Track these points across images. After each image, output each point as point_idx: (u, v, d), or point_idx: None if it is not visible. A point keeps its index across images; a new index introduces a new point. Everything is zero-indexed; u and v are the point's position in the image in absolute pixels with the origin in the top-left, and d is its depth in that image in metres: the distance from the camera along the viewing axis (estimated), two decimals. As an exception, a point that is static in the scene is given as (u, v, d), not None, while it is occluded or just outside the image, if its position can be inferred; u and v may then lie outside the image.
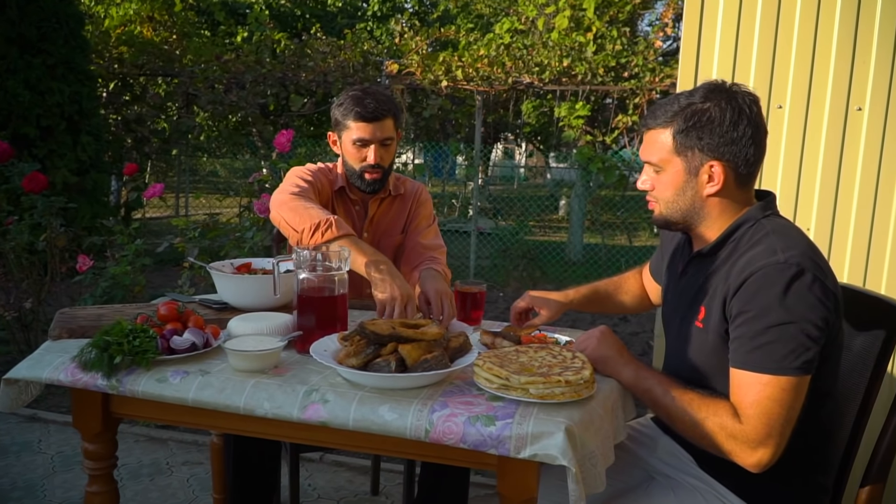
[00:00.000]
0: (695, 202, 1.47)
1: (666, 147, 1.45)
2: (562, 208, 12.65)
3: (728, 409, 1.35)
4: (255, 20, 8.49)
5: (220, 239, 3.20)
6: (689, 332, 1.52)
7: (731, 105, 1.42)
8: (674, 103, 1.46)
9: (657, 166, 1.48)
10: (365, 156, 2.07)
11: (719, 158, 1.42)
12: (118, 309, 1.83)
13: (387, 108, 2.06)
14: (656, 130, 1.47)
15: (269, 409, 1.36)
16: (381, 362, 1.39)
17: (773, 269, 1.33)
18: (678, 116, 1.43)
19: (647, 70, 6.84)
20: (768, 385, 1.31)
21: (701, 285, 1.51)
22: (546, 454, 1.23)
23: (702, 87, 1.47)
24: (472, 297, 1.90)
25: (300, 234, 1.87)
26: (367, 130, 2.04)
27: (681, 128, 1.43)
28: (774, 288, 1.32)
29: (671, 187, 1.48)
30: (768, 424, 1.31)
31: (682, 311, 1.57)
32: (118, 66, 7.85)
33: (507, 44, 7.62)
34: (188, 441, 3.11)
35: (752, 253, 1.40)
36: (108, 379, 1.44)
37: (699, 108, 1.42)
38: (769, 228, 1.44)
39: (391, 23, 11.92)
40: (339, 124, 2.10)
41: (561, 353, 1.47)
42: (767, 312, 1.32)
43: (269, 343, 1.49)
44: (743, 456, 1.34)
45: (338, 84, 7.16)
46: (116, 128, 7.92)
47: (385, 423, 1.30)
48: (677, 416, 1.39)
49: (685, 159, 1.44)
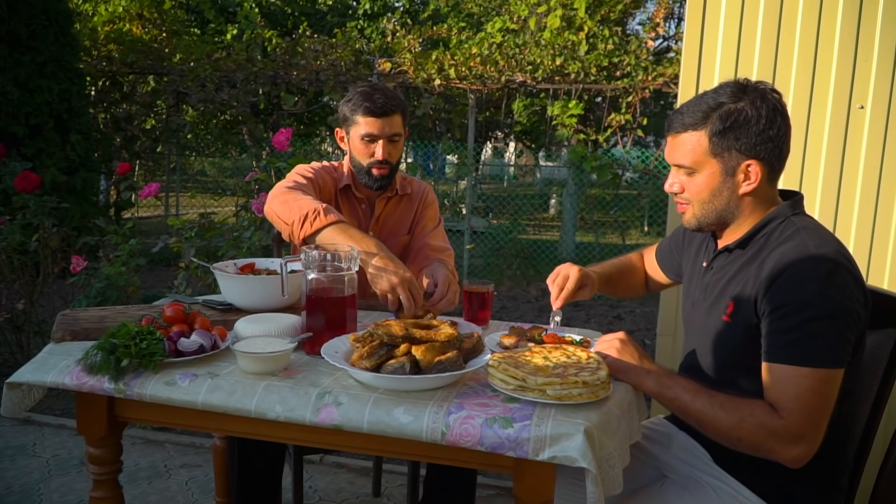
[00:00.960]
0: (730, 202, 1.48)
1: (701, 149, 1.45)
2: (552, 207, 12.66)
3: (763, 407, 1.33)
4: (245, 18, 8.43)
5: (217, 239, 3.16)
6: (715, 326, 1.51)
7: (766, 103, 1.42)
8: (701, 104, 1.45)
9: (691, 168, 1.47)
10: (373, 151, 2.06)
11: (756, 157, 1.43)
12: (121, 310, 1.80)
13: (395, 103, 2.05)
14: (688, 133, 1.46)
15: (282, 413, 1.33)
16: (395, 364, 1.36)
17: (809, 264, 1.34)
18: (712, 117, 1.42)
19: (640, 69, 6.84)
20: (808, 378, 1.30)
21: (729, 279, 1.51)
22: (566, 456, 1.21)
23: (726, 86, 1.47)
24: (479, 296, 1.89)
25: (291, 226, 1.85)
26: (376, 126, 2.03)
27: (717, 129, 1.42)
28: (811, 282, 1.32)
29: (707, 189, 1.47)
30: (810, 417, 1.30)
31: (707, 305, 1.57)
32: (107, 64, 7.77)
33: (500, 43, 7.61)
34: (185, 443, 3.08)
35: (784, 248, 1.40)
36: (115, 382, 1.41)
37: (734, 108, 1.42)
38: (800, 225, 1.45)
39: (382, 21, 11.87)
40: (347, 120, 2.08)
41: (575, 353, 1.45)
42: (805, 306, 1.31)
43: (278, 345, 1.46)
44: (784, 452, 1.32)
45: (329, 82, 7.12)
46: (105, 126, 7.84)
47: (400, 425, 1.28)
48: (710, 422, 1.38)
49: (722, 160, 1.44)
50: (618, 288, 1.93)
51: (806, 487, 1.46)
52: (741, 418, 1.34)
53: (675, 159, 1.50)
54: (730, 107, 1.42)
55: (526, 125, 12.44)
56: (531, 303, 6.57)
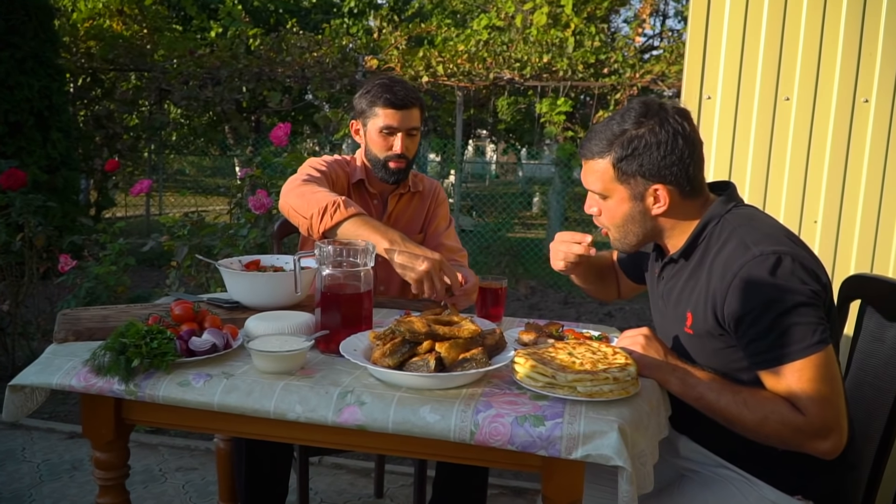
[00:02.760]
0: (645, 223, 1.48)
1: (608, 176, 1.45)
2: (535, 205, 12.67)
3: (785, 404, 1.32)
4: (229, 15, 8.32)
5: (211, 237, 3.09)
6: (681, 337, 1.52)
7: (664, 128, 1.41)
8: (607, 131, 1.45)
9: (602, 194, 1.48)
10: (391, 144, 2.02)
11: (662, 182, 1.43)
12: (123, 309, 1.74)
13: (415, 97, 2.02)
14: (595, 160, 1.46)
15: (302, 413, 1.29)
16: (419, 362, 1.32)
17: (752, 266, 1.33)
18: (615, 145, 1.43)
19: (627, 66, 6.86)
20: (803, 369, 1.30)
21: (680, 290, 1.51)
22: (600, 454, 1.18)
23: (632, 109, 1.46)
24: (492, 293, 1.85)
25: (309, 220, 1.82)
26: (396, 118, 1.99)
27: (619, 156, 1.42)
28: (761, 283, 1.32)
29: (619, 214, 1.48)
30: (829, 407, 1.30)
31: (669, 316, 1.56)
32: (87, 61, 7.62)
33: (486, 40, 7.58)
34: (180, 447, 3.01)
35: (725, 253, 1.40)
36: (125, 384, 1.35)
37: (633, 134, 1.41)
38: (735, 224, 1.44)
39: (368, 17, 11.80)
40: (364, 112, 2.04)
41: (600, 349, 1.42)
42: (766, 308, 1.31)
43: (294, 343, 1.42)
44: (814, 446, 1.31)
45: (316, 79, 7.05)
46: (85, 124, 7.69)
47: (427, 424, 1.24)
48: (736, 420, 1.36)
49: (628, 186, 1.45)
50: (588, 278, 1.87)
51: (821, 474, 1.44)
52: (765, 416, 1.32)
53: (587, 184, 1.51)
54: (631, 133, 1.42)
55: (510, 123, 12.45)
56: (521, 300, 6.54)
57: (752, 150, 2.44)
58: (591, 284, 1.90)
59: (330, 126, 7.17)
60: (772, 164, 2.46)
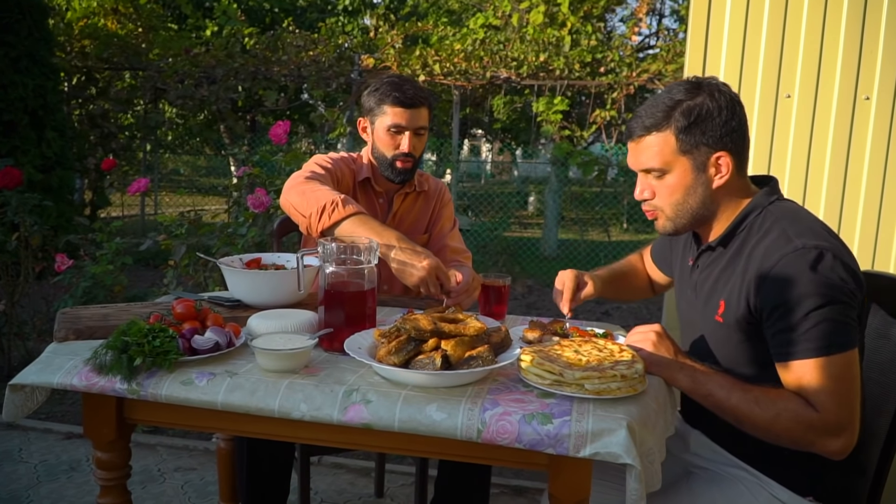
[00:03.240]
0: (705, 198, 1.45)
1: (669, 148, 1.42)
2: (531, 205, 12.67)
3: (798, 400, 1.31)
4: (224, 13, 8.28)
5: (209, 236, 3.07)
6: (710, 326, 1.50)
7: (723, 95, 1.42)
8: (659, 105, 1.43)
9: (661, 170, 1.44)
10: (399, 143, 2.00)
11: (725, 148, 1.41)
12: (123, 308, 1.72)
13: (424, 96, 2.01)
14: (652, 135, 1.43)
15: (307, 412, 1.27)
16: (425, 359, 1.31)
17: (793, 257, 1.32)
18: (674, 116, 1.40)
19: (624, 65, 6.86)
20: (827, 367, 1.29)
21: (716, 279, 1.50)
22: (608, 452, 1.17)
23: (678, 85, 1.45)
24: (495, 290, 1.84)
25: (308, 218, 1.81)
26: (405, 117, 1.98)
27: (682, 125, 1.40)
28: (800, 275, 1.31)
29: (680, 189, 1.45)
30: (844, 406, 1.29)
31: (699, 305, 1.55)
32: (81, 60, 7.58)
33: (482, 39, 7.57)
34: (179, 447, 2.99)
35: (766, 242, 1.39)
36: (128, 382, 1.33)
37: (692, 104, 1.40)
38: (778, 215, 1.43)
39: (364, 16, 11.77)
40: (372, 110, 2.03)
41: (606, 346, 1.41)
42: (802, 300, 1.30)
43: (298, 341, 1.40)
44: (825, 445, 1.30)
45: (312, 78, 7.02)
46: (80, 123, 7.65)
47: (434, 423, 1.23)
48: (746, 418, 1.34)
49: (691, 157, 1.42)
50: (621, 291, 1.88)
51: (829, 472, 1.44)
52: (777, 413, 1.31)
53: (641, 164, 1.47)
54: (689, 103, 1.40)
55: (505, 122, 12.44)
56: (518, 299, 6.54)
57: (754, 147, 2.44)
58: (624, 297, 1.91)
59: (325, 125, 7.16)
60: (773, 161, 2.46)
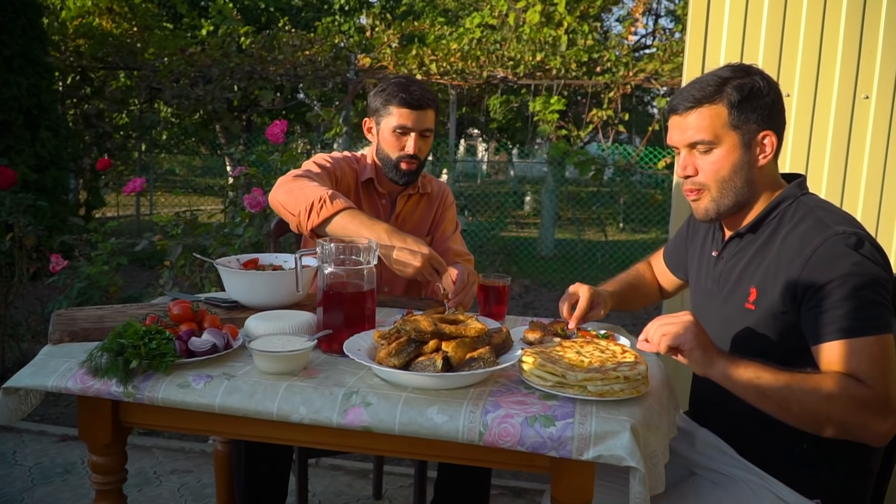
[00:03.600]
0: (749, 178, 1.45)
1: (720, 121, 1.42)
2: (527, 204, 12.66)
3: (847, 379, 1.25)
4: (220, 13, 8.24)
5: (205, 236, 3.05)
6: (736, 315, 1.48)
7: (768, 80, 1.44)
8: (710, 80, 1.43)
9: (710, 143, 1.43)
10: (404, 144, 1.99)
11: (771, 128, 1.43)
12: (119, 310, 1.70)
13: (431, 98, 1.99)
14: (704, 107, 1.42)
15: (306, 415, 1.26)
16: (425, 361, 1.30)
17: (835, 241, 1.32)
18: (726, 90, 1.41)
19: (621, 64, 6.84)
20: (876, 345, 1.26)
21: (745, 266, 1.48)
22: (612, 455, 1.15)
23: (722, 68, 1.46)
24: (495, 290, 1.82)
25: (297, 216, 1.79)
26: (411, 118, 1.96)
27: (735, 99, 1.40)
28: (843, 256, 1.30)
29: (727, 164, 1.44)
30: (893, 383, 1.25)
31: (723, 294, 1.53)
32: (76, 59, 7.54)
33: (479, 38, 7.55)
34: (175, 448, 2.97)
35: (802, 228, 1.39)
36: (124, 385, 1.32)
37: (744, 81, 1.41)
38: (811, 205, 1.44)
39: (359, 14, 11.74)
40: (378, 111, 2.01)
41: (608, 347, 1.40)
42: (847, 278, 1.29)
43: (296, 343, 1.38)
44: (876, 425, 1.24)
45: (308, 78, 7.00)
46: (75, 123, 7.61)
47: (435, 426, 1.21)
48: (795, 403, 1.26)
49: (740, 132, 1.42)
50: (632, 303, 1.87)
51: (837, 474, 1.44)
52: (829, 394, 1.24)
53: (688, 138, 1.46)
54: (741, 80, 1.42)
55: (502, 122, 12.42)
56: (515, 299, 6.52)
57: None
58: (632, 307, 1.89)
59: (321, 125, 7.13)
60: (772, 160, 2.45)
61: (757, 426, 1.46)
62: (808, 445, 1.42)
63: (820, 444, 1.42)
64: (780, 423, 1.38)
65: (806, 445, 1.42)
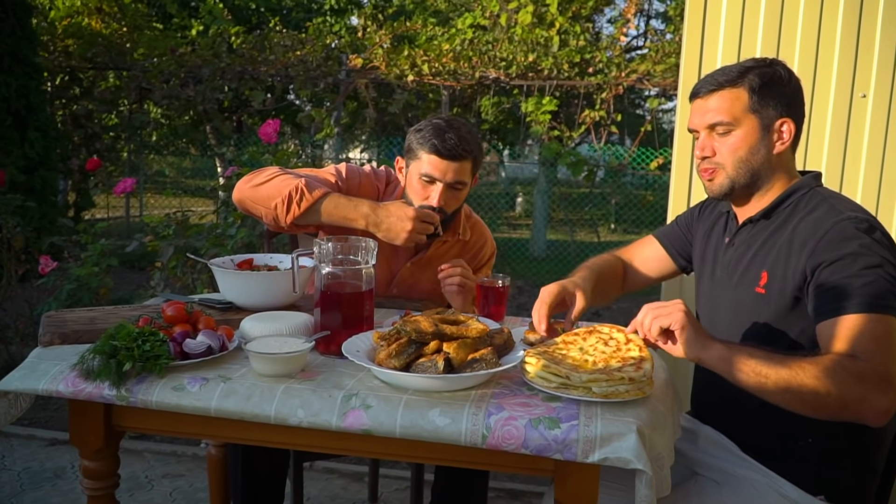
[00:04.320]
0: (765, 161, 1.47)
1: (740, 104, 1.45)
2: (518, 205, 12.65)
3: (844, 356, 1.24)
4: (210, 13, 8.18)
5: (197, 237, 3.01)
6: (747, 300, 1.48)
7: (790, 71, 1.49)
8: (731, 68, 1.48)
9: (729, 125, 1.46)
10: (429, 194, 1.80)
11: (790, 116, 1.46)
12: (111, 311, 1.66)
13: (469, 148, 1.79)
14: (725, 90, 1.46)
15: (305, 418, 1.23)
16: (427, 363, 1.27)
17: (847, 224, 1.35)
18: (748, 76, 1.45)
19: (613, 65, 6.84)
20: (881, 323, 1.25)
21: (756, 251, 1.49)
22: (618, 458, 1.13)
23: (748, 59, 1.52)
24: (493, 291, 1.80)
25: (273, 210, 1.75)
26: (440, 168, 1.77)
27: (756, 84, 1.44)
28: (855, 238, 1.32)
29: (744, 146, 1.46)
30: (893, 360, 1.23)
31: (734, 280, 1.53)
32: (65, 59, 7.46)
33: (471, 39, 7.53)
34: (167, 452, 2.92)
35: (816, 215, 1.41)
36: (116, 389, 1.28)
37: (766, 70, 1.46)
38: (825, 195, 1.47)
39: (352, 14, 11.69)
40: (410, 151, 1.83)
41: (612, 336, 1.37)
42: (856, 257, 1.30)
43: (294, 344, 1.36)
44: (875, 400, 1.21)
45: (299, 78, 6.95)
46: (63, 124, 7.53)
47: (437, 428, 1.19)
48: (796, 385, 1.22)
49: (759, 116, 1.45)
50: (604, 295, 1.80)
51: (841, 470, 1.43)
52: (825, 371, 1.21)
53: (707, 120, 1.49)
54: (763, 69, 1.46)
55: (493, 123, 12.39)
56: (508, 300, 6.50)
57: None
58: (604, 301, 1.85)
59: (312, 126, 7.09)
60: (770, 160, 2.44)
61: (760, 422, 1.45)
62: (813, 441, 1.41)
63: (824, 440, 1.41)
64: (783, 419, 1.37)
65: (811, 440, 1.42)
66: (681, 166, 2.49)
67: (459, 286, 1.80)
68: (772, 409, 1.29)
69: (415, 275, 2.00)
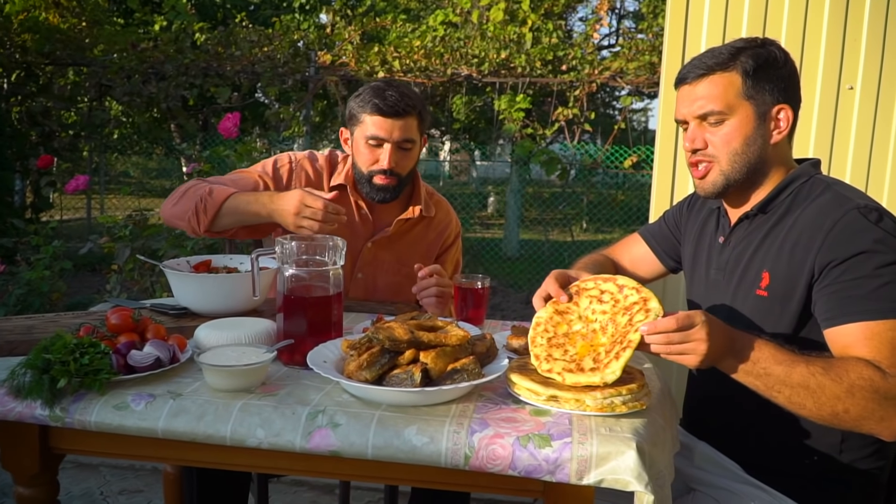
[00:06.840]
0: (762, 153, 1.34)
1: (734, 90, 1.31)
2: (490, 205, 12.58)
3: (870, 367, 1.12)
4: (173, 8, 7.95)
5: (155, 238, 2.84)
6: (747, 303, 1.36)
7: (785, 52, 1.34)
8: (721, 50, 1.33)
9: (721, 114, 1.32)
10: (377, 157, 1.75)
11: (787, 102, 1.33)
12: (51, 319, 1.51)
13: (411, 103, 1.74)
14: (716, 75, 1.32)
15: (265, 439, 1.09)
16: (402, 374, 1.14)
17: (855, 214, 1.23)
18: (741, 58, 1.30)
19: (586, 62, 6.78)
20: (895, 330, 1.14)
21: (754, 250, 1.37)
22: (616, 479, 1.02)
23: (738, 39, 1.37)
24: (472, 293, 1.68)
25: (188, 222, 1.74)
26: (385, 127, 1.73)
27: (750, 67, 1.30)
28: (865, 231, 1.20)
29: (739, 136, 1.33)
30: None
31: (733, 282, 1.40)
32: (21, 55, 7.18)
33: (442, 36, 7.41)
34: (123, 467, 2.76)
35: (819, 204, 1.29)
36: (49, 408, 1.13)
37: (760, 51, 1.31)
38: (828, 182, 1.34)
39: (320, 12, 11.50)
40: (353, 118, 1.78)
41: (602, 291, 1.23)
42: (870, 255, 1.18)
43: (253, 355, 1.22)
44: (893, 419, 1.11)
45: (267, 75, 6.77)
46: (20, 122, 7.25)
47: (413, 449, 1.06)
48: (812, 395, 1.12)
49: (755, 103, 1.32)
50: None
51: (846, 487, 1.33)
52: (851, 384, 1.11)
53: (697, 109, 1.35)
54: (756, 50, 1.32)
55: (465, 123, 12.29)
56: (482, 301, 6.40)
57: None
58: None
59: (280, 124, 6.91)
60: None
61: (759, 438, 1.35)
62: (818, 458, 1.31)
63: (829, 458, 1.31)
64: (785, 435, 1.27)
65: (816, 458, 1.31)
66: (664, 160, 2.40)
67: (437, 297, 1.69)
68: (776, 429, 1.19)
69: (378, 256, 1.92)
